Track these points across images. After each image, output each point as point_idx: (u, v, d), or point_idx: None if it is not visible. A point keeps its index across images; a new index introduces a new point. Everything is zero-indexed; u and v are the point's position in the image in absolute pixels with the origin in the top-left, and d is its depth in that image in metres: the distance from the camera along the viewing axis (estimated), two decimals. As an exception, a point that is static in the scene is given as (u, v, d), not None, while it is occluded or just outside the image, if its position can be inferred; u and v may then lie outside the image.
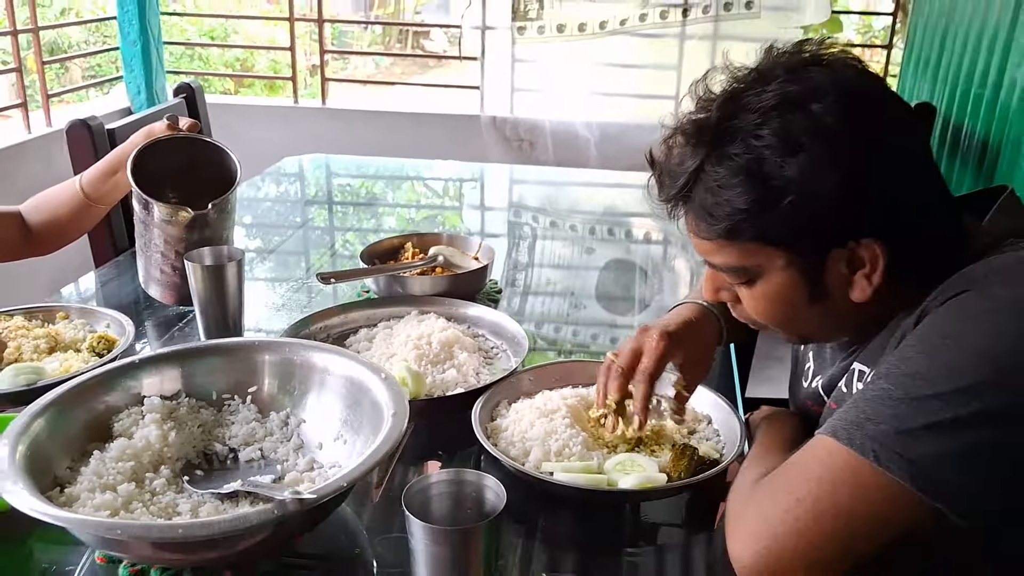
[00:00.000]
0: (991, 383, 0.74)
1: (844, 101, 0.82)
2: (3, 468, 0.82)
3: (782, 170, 0.81)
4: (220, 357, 1.06)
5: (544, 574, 0.87)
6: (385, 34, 8.44)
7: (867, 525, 0.77)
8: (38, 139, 2.60)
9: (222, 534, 0.76)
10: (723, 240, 0.87)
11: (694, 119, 0.88)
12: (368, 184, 2.51)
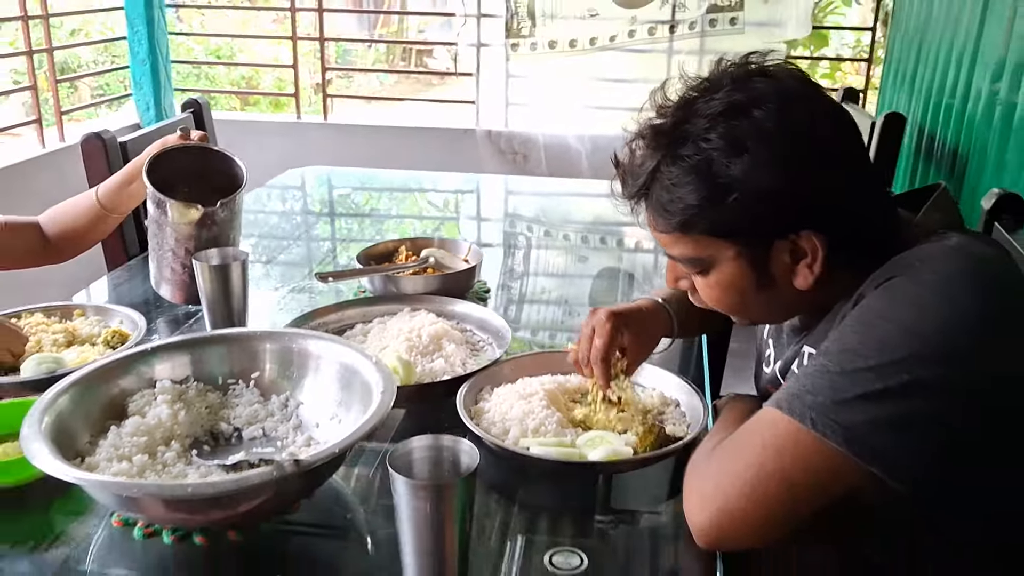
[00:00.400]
0: (918, 356, 0.83)
1: (783, 107, 0.91)
2: (31, 436, 0.92)
3: (728, 169, 0.90)
4: (226, 345, 1.15)
5: (520, 535, 0.96)
6: (389, 53, 8.57)
7: (808, 488, 0.86)
8: (52, 154, 2.71)
9: (227, 493, 0.86)
10: (678, 233, 0.97)
11: (652, 124, 0.98)
12: (367, 195, 2.60)
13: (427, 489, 0.81)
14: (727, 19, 2.93)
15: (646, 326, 1.20)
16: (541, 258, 2.04)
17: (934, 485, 0.87)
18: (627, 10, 2.98)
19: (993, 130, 1.86)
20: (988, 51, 1.95)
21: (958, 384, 0.83)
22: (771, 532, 0.88)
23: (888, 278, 0.90)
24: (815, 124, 0.94)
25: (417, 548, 0.83)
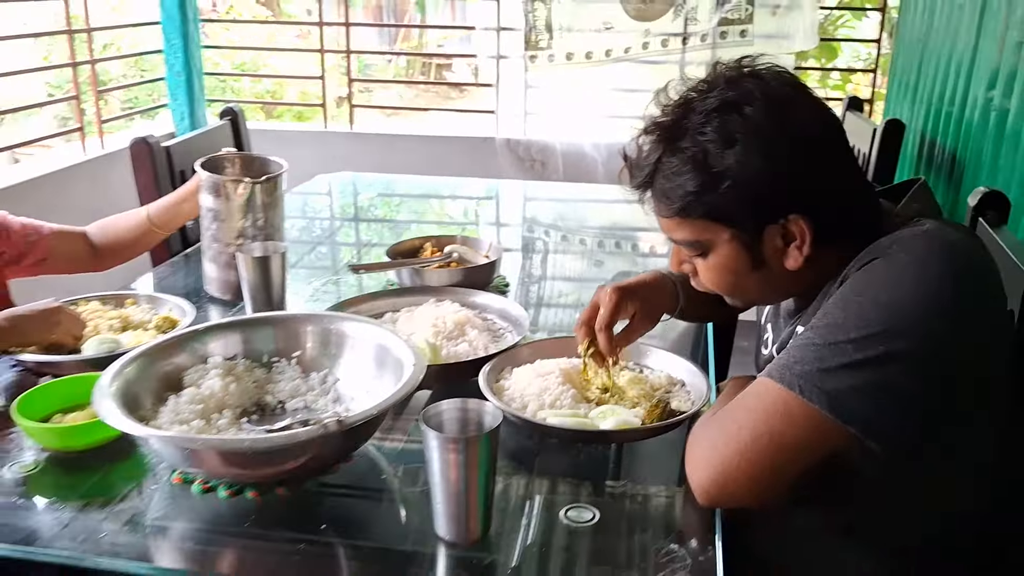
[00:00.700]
0: (893, 330, 0.93)
1: (771, 105, 1.02)
2: (103, 397, 1.04)
3: (722, 160, 1.01)
4: (271, 326, 1.27)
5: (537, 494, 1.06)
6: (409, 67, 8.73)
7: (796, 447, 0.96)
8: (93, 160, 2.85)
9: (280, 447, 0.97)
10: (679, 218, 1.08)
11: (656, 120, 1.09)
12: (391, 200, 2.72)
13: (455, 442, 0.92)
14: (737, 31, 3.04)
15: (651, 298, 1.31)
16: (558, 262, 2.10)
17: (906, 445, 0.97)
18: (641, 23, 3.09)
19: (988, 135, 1.95)
20: (983, 62, 2.04)
21: (928, 354, 0.93)
22: (764, 490, 0.98)
23: (869, 260, 1.00)
24: (799, 120, 1.04)
25: (446, 494, 0.94)
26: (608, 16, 3.09)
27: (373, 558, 0.98)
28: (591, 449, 1.19)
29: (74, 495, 1.06)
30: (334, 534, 1.00)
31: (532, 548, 0.97)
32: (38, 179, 2.54)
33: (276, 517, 1.03)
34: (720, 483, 0.99)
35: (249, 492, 1.05)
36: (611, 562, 0.96)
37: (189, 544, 1.00)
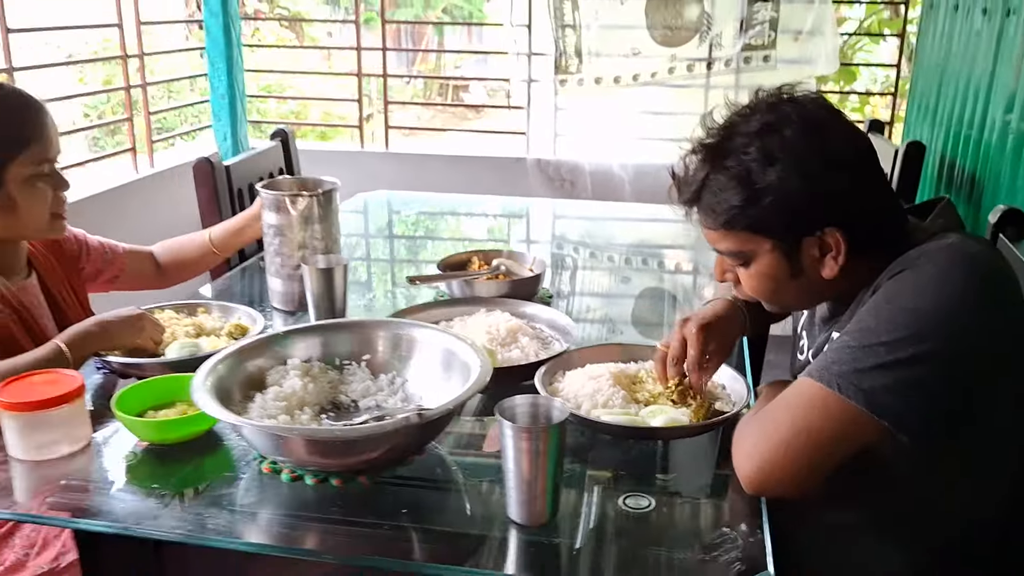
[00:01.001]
0: (920, 334, 1.03)
1: (808, 127, 1.13)
2: (201, 390, 1.15)
3: (764, 177, 1.12)
4: (348, 331, 1.38)
5: (595, 485, 1.16)
6: (427, 88, 8.90)
7: (833, 440, 1.06)
8: (144, 179, 2.99)
9: (366, 436, 1.07)
10: (724, 230, 1.18)
11: (703, 142, 1.20)
12: (428, 218, 2.82)
13: (529, 433, 1.02)
14: (760, 56, 3.15)
15: (726, 332, 1.38)
16: (587, 278, 2.17)
17: (932, 440, 1.06)
18: (667, 48, 3.21)
19: (1006, 156, 2.05)
20: (1001, 86, 2.14)
21: (952, 355, 1.03)
22: (804, 479, 1.08)
23: (899, 271, 1.10)
24: (833, 141, 1.15)
25: (518, 480, 1.04)
26: (636, 42, 3.21)
27: (449, 540, 1.07)
28: (642, 445, 1.28)
29: (169, 483, 1.16)
30: (412, 519, 1.09)
31: (594, 531, 1.07)
32: (94, 196, 2.67)
33: (358, 503, 1.13)
34: (765, 473, 1.09)
35: (334, 480, 1.15)
36: (668, 544, 1.05)
37: (277, 526, 1.10)
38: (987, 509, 1.17)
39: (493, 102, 9.64)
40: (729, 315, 1.40)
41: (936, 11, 2.80)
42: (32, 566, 1.45)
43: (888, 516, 1.18)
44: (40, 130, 1.48)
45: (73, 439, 1.23)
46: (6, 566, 1.46)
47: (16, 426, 1.20)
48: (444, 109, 9.29)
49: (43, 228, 1.53)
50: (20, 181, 1.46)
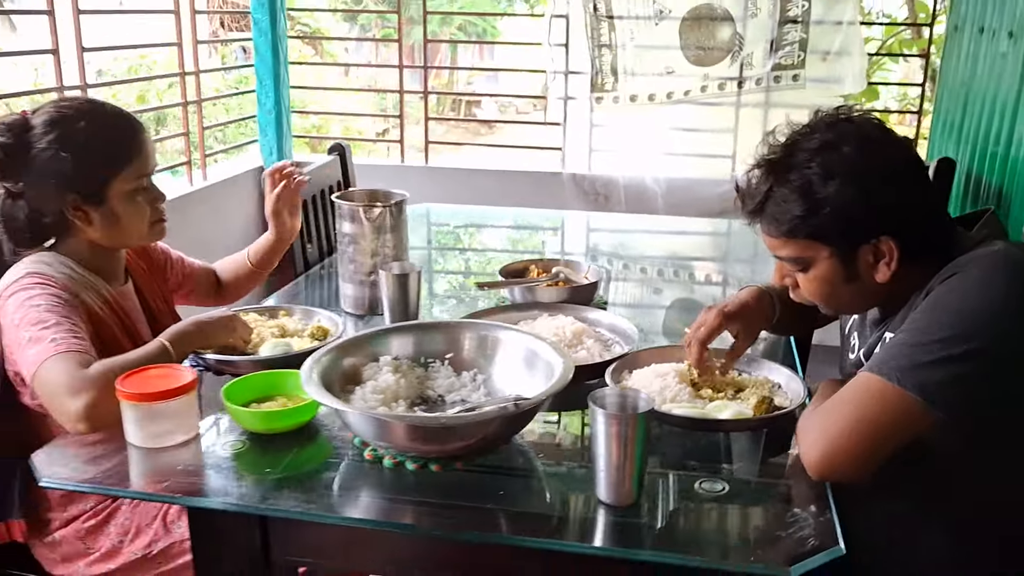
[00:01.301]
0: (968, 333, 1.15)
1: (864, 145, 1.24)
2: (311, 383, 1.25)
3: (824, 189, 1.23)
4: (434, 332, 1.49)
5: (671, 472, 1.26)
6: (439, 104, 9.08)
7: (891, 428, 1.17)
8: (200, 191, 3.11)
9: (469, 422, 1.18)
10: (785, 238, 1.29)
11: (766, 158, 1.31)
12: (472, 230, 2.91)
13: (618, 419, 1.12)
14: (790, 76, 3.27)
15: (751, 317, 1.51)
16: (620, 289, 2.25)
17: (980, 425, 1.18)
18: (700, 68, 3.33)
19: (1034, 172, 2.15)
20: (1028, 105, 2.25)
21: (997, 353, 1.14)
22: (864, 465, 1.18)
23: (949, 275, 1.21)
24: (887, 157, 1.26)
25: (607, 463, 1.14)
26: (670, 61, 3.33)
27: (543, 518, 1.18)
28: (710, 437, 1.38)
29: (275, 468, 1.27)
30: (508, 501, 1.20)
31: (675, 511, 1.17)
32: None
33: (456, 486, 1.23)
34: (830, 459, 1.19)
35: (433, 466, 1.25)
36: (745, 523, 1.16)
37: (379, 505, 1.20)
38: None
39: (503, 116, 9.84)
40: (756, 303, 1.53)
41: (961, 33, 2.91)
42: (126, 552, 1.56)
43: (934, 502, 1.29)
44: (140, 147, 1.59)
45: (186, 428, 1.34)
46: (102, 552, 1.56)
47: (135, 416, 1.30)
48: (457, 124, 9.48)
49: (144, 236, 1.64)
50: (122, 195, 1.56)
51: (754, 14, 3.23)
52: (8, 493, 1.55)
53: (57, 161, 1.50)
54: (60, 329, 1.41)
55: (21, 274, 1.49)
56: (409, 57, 10.68)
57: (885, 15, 4.57)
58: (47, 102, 1.61)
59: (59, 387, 1.36)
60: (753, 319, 1.53)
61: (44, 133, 1.51)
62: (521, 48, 8.59)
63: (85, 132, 1.52)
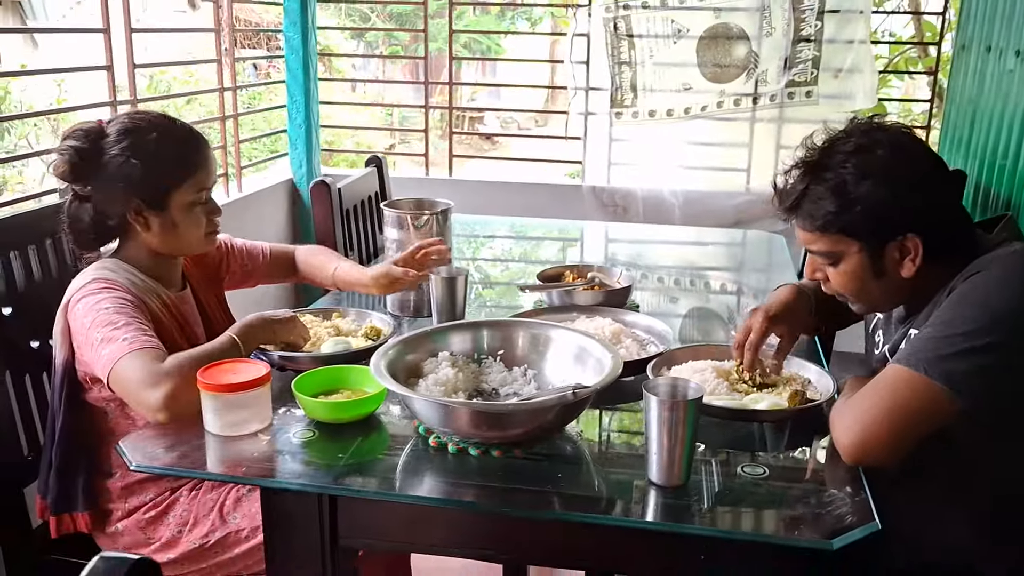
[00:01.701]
0: (990, 327, 1.25)
1: (896, 150, 1.36)
2: (380, 371, 1.36)
3: (857, 188, 1.34)
4: (488, 329, 1.59)
5: (713, 458, 1.36)
6: (442, 119, 9.24)
7: (920, 415, 1.27)
8: (236, 201, 3.22)
9: (533, 408, 1.28)
10: (819, 233, 1.40)
11: (805, 159, 1.42)
12: (488, 240, 3.01)
13: (669, 405, 1.22)
14: (803, 92, 3.39)
15: (792, 320, 1.61)
16: (637, 298, 2.28)
17: (1002, 416, 1.28)
18: (716, 84, 3.45)
19: (1042, 184, 2.26)
20: (1035, 120, 2.36)
21: (1019, 345, 1.25)
22: (895, 450, 1.28)
23: (972, 273, 1.32)
24: (916, 161, 1.38)
25: (659, 446, 1.24)
26: (687, 78, 3.45)
27: (598, 500, 1.28)
28: (748, 427, 1.48)
29: (344, 454, 1.36)
30: (567, 484, 1.30)
31: (721, 492, 1.27)
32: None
33: (516, 471, 1.32)
34: (863, 445, 1.29)
35: (494, 451, 1.35)
36: (786, 504, 1.25)
37: (442, 485, 1.30)
38: None
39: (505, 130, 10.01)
40: (794, 301, 1.62)
41: (968, 52, 3.03)
42: (184, 542, 1.64)
43: (959, 491, 1.39)
44: (203, 162, 1.69)
45: (261, 418, 1.43)
46: (162, 542, 1.65)
47: (215, 406, 1.40)
48: (462, 139, 9.65)
49: (197, 246, 1.74)
50: (182, 205, 1.66)
51: (769, 33, 3.35)
52: (73, 486, 1.64)
53: (127, 167, 1.60)
54: (130, 329, 1.50)
55: (88, 280, 1.58)
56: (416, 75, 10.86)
57: (891, 34, 4.71)
58: (121, 113, 1.71)
59: (138, 382, 1.45)
60: (796, 318, 1.62)
61: (117, 140, 1.62)
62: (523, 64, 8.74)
63: (155, 143, 1.62)
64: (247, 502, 1.62)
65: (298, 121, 3.48)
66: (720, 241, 3.06)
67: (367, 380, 1.50)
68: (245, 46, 8.11)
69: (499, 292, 2.38)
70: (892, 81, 4.90)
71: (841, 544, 1.14)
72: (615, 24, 3.44)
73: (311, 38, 3.40)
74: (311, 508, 1.37)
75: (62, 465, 1.62)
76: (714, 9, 3.39)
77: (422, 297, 1.96)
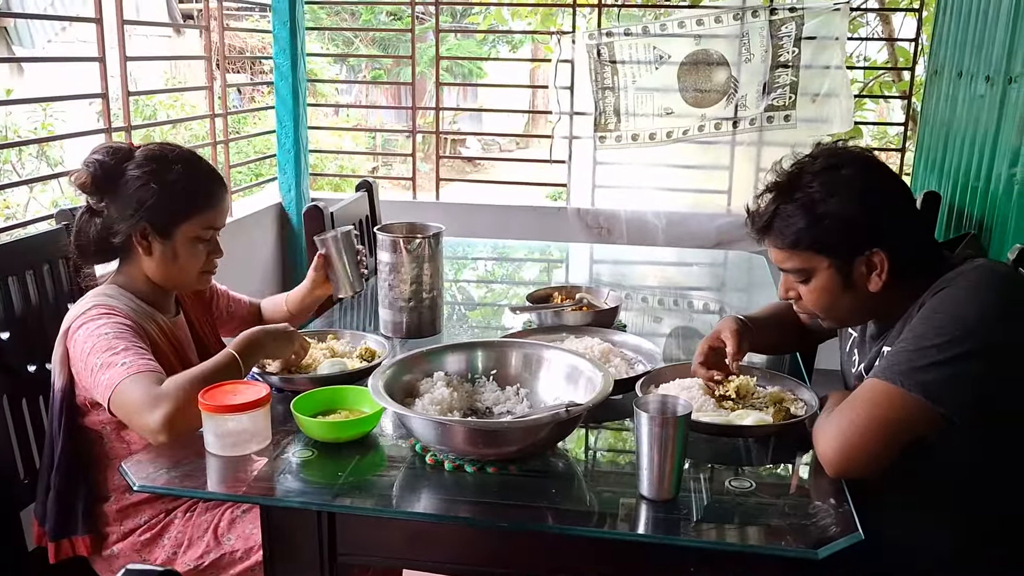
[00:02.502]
0: (962, 337, 1.31)
1: (861, 170, 1.42)
2: (378, 390, 1.39)
3: (825, 205, 1.41)
4: (482, 350, 1.63)
5: (701, 472, 1.41)
6: (424, 142, 9.34)
7: (899, 426, 1.32)
8: (226, 226, 3.24)
9: (527, 426, 1.32)
10: (790, 250, 1.46)
11: (775, 181, 1.48)
12: (475, 262, 3.06)
13: (659, 421, 1.27)
14: (782, 116, 3.48)
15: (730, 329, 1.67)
16: (621, 318, 2.30)
17: (977, 421, 1.32)
18: (697, 109, 3.54)
19: (1012, 204, 2.34)
20: (1005, 143, 2.44)
21: (989, 353, 1.30)
22: (877, 461, 1.33)
23: (941, 288, 1.39)
24: (880, 180, 1.45)
25: (649, 460, 1.28)
26: (669, 103, 3.54)
27: (591, 514, 1.31)
28: (733, 442, 1.53)
29: (342, 472, 1.39)
30: (560, 499, 1.33)
31: (709, 505, 1.31)
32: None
33: (511, 487, 1.36)
34: (845, 457, 1.34)
35: (490, 468, 1.38)
36: (772, 516, 1.30)
37: (439, 502, 1.34)
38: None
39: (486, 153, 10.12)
40: (731, 320, 1.70)
41: (940, 77, 3.13)
42: (180, 563, 1.66)
43: (939, 494, 1.44)
44: (217, 203, 1.74)
45: (261, 438, 1.46)
46: (157, 563, 1.67)
47: (216, 427, 1.43)
48: (444, 162, 9.75)
49: (189, 282, 1.78)
50: (186, 239, 1.70)
51: (748, 59, 3.45)
52: (73, 511, 1.65)
53: (143, 190, 1.65)
54: (129, 353, 1.53)
55: (88, 306, 1.62)
56: (399, 99, 10.96)
57: (866, 59, 4.83)
58: (154, 142, 1.76)
59: (137, 405, 1.48)
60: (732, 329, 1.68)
61: (141, 164, 1.67)
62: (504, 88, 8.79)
63: (177, 173, 1.68)
64: (241, 523, 1.64)
65: (287, 146, 3.52)
66: (702, 261, 3.12)
67: (364, 400, 1.53)
68: (230, 71, 8.17)
69: (486, 313, 2.42)
70: (867, 104, 5.02)
71: (826, 553, 1.19)
72: (599, 51, 3.52)
73: (300, 65, 3.46)
74: (310, 526, 1.40)
75: (62, 490, 1.64)
76: (695, 36, 3.48)
77: (415, 319, 2.00)
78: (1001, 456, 1.41)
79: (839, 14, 3.36)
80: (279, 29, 3.39)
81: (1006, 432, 1.38)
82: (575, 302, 2.09)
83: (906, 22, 4.39)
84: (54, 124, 5.35)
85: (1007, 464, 1.42)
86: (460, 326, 2.20)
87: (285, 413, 1.52)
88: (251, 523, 1.63)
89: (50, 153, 5.40)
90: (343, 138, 8.26)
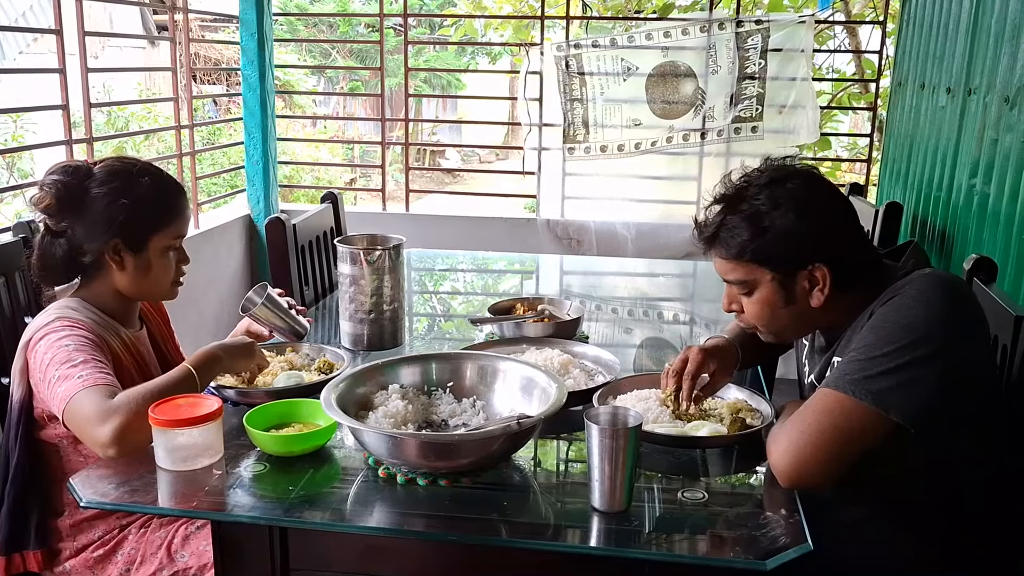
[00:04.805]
0: (912, 343, 1.32)
1: (805, 183, 1.44)
2: (330, 404, 1.38)
3: (769, 218, 1.42)
4: (437, 362, 1.62)
5: (655, 484, 1.41)
6: (401, 153, 9.38)
7: (851, 436, 1.32)
8: (193, 238, 3.22)
9: (478, 439, 1.31)
10: (734, 262, 1.47)
11: (722, 193, 1.49)
12: (444, 274, 3.05)
13: (610, 433, 1.27)
14: (749, 127, 3.50)
15: (725, 359, 1.67)
16: (592, 329, 2.35)
17: (930, 427, 1.33)
18: (665, 120, 3.56)
19: (972, 214, 2.37)
20: (965, 153, 2.47)
21: (939, 357, 1.31)
22: (830, 471, 1.33)
23: (888, 298, 1.40)
24: (823, 195, 1.47)
25: (601, 472, 1.28)
26: (637, 114, 3.56)
27: (543, 527, 1.31)
28: (689, 453, 1.53)
29: (295, 487, 1.38)
30: (513, 511, 1.33)
31: (661, 517, 1.31)
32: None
33: (464, 499, 1.35)
34: (798, 468, 1.34)
35: (442, 481, 1.38)
36: (723, 526, 1.30)
37: (392, 515, 1.33)
38: (978, 496, 1.43)
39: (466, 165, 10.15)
40: (726, 344, 1.70)
41: (904, 88, 3.16)
42: (132, 581, 1.64)
43: (894, 503, 1.44)
44: (182, 211, 1.75)
45: (212, 452, 1.45)
46: (109, 581, 1.65)
47: (166, 441, 1.41)
48: (423, 173, 9.77)
49: (163, 292, 1.77)
50: (158, 250, 1.71)
51: (715, 71, 3.47)
52: (25, 525, 1.63)
53: (114, 207, 1.64)
54: (87, 367, 1.52)
55: (51, 319, 1.60)
56: (378, 110, 10.93)
57: (835, 71, 4.88)
58: (109, 157, 1.75)
59: (89, 418, 1.46)
60: (727, 357, 1.68)
61: (105, 181, 1.66)
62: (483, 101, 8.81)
63: (145, 186, 1.68)
64: (195, 540, 1.62)
65: (255, 158, 3.51)
66: (671, 272, 3.14)
67: (319, 413, 1.52)
68: (205, 82, 8.15)
69: (456, 324, 2.41)
70: (838, 116, 5.06)
71: (774, 564, 1.19)
72: (567, 62, 3.53)
73: (268, 76, 3.45)
74: (262, 540, 1.38)
75: (15, 504, 1.62)
76: (662, 48, 3.50)
77: (376, 331, 1.99)
78: (953, 465, 1.42)
79: (804, 26, 3.39)
80: (247, 40, 3.38)
81: (957, 440, 1.39)
82: (537, 313, 2.09)
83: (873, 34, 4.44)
84: (24, 136, 5.31)
85: (959, 473, 1.42)
86: (424, 338, 2.20)
87: (240, 426, 1.51)
88: (205, 540, 1.61)
89: (20, 165, 5.36)
90: (320, 149, 8.25)
